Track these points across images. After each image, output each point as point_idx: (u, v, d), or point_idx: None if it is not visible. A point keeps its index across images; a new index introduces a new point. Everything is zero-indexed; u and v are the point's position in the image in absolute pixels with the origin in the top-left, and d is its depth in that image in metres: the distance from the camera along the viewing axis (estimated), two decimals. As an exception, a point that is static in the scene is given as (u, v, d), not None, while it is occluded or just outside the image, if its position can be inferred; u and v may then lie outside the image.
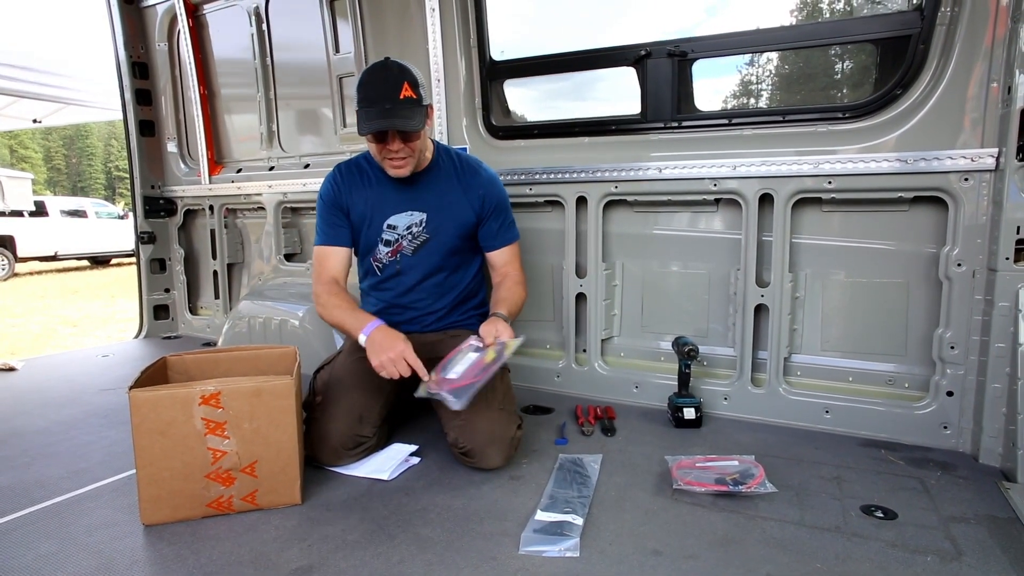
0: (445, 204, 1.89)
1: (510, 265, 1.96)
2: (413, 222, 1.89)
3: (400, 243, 1.90)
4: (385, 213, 1.89)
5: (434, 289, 1.96)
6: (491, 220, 1.93)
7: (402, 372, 1.61)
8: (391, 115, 1.66)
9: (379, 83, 1.69)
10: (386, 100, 1.66)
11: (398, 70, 1.70)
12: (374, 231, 1.90)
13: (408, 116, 1.67)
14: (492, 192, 1.92)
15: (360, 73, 1.75)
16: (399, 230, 1.89)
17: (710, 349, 2.25)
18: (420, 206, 1.88)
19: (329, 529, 1.41)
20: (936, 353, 1.86)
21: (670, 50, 2.20)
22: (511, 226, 1.98)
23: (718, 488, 1.54)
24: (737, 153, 2.08)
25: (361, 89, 1.71)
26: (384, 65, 1.72)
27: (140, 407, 1.37)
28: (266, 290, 3.12)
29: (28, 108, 6.09)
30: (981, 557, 1.27)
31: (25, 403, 2.43)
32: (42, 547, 1.35)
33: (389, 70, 1.71)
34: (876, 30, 1.98)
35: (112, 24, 3.50)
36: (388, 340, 1.64)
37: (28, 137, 37.99)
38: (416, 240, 1.89)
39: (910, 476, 1.66)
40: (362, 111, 1.69)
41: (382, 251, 1.92)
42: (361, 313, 1.77)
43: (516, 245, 1.99)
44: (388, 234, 1.90)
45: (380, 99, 1.67)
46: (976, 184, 1.75)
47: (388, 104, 1.66)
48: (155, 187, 3.71)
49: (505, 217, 1.96)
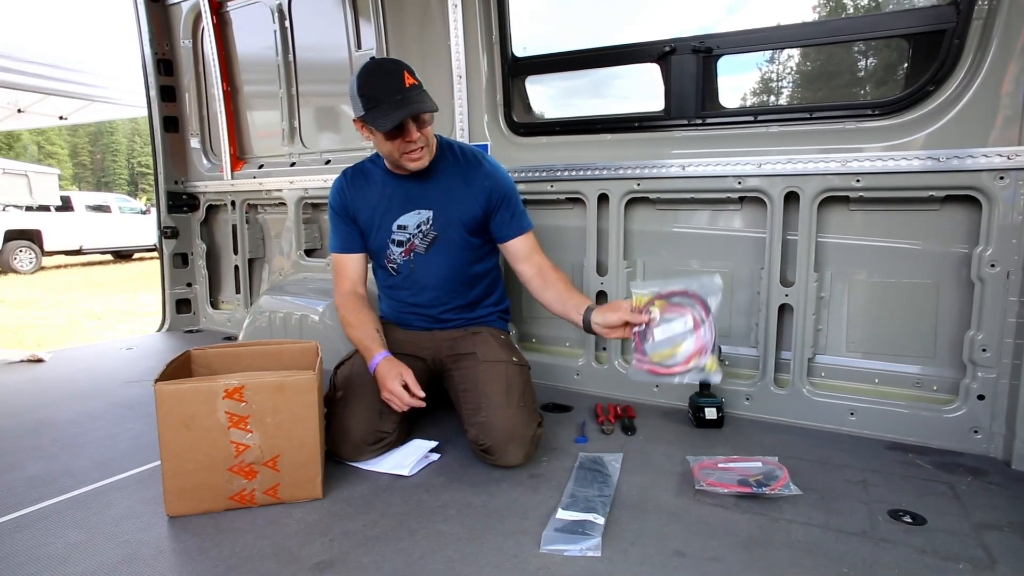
0: (450, 200, 1.86)
1: (536, 254, 1.89)
2: (421, 220, 1.87)
3: (412, 242, 1.88)
4: (394, 214, 1.88)
5: (449, 287, 1.94)
6: (501, 211, 1.88)
7: (402, 406, 1.66)
8: (407, 103, 1.64)
9: (381, 79, 1.67)
10: (395, 92, 1.64)
11: (393, 63, 1.70)
12: (384, 233, 1.89)
13: (423, 99, 1.67)
14: (497, 183, 1.88)
15: (354, 80, 1.68)
16: (410, 229, 1.88)
17: (732, 349, 2.22)
18: (426, 204, 1.87)
19: (350, 524, 1.41)
20: (967, 356, 1.81)
21: (695, 46, 2.17)
22: (523, 215, 1.92)
23: (741, 490, 1.52)
24: (762, 151, 2.04)
25: (364, 90, 1.66)
26: (378, 63, 1.71)
27: (165, 400, 1.38)
28: (286, 285, 3.14)
29: (54, 105, 6.20)
30: (1015, 566, 1.23)
31: (53, 394, 2.48)
32: (71, 536, 1.38)
33: (384, 65, 1.70)
34: (909, 25, 1.93)
35: (138, 22, 3.55)
36: (387, 377, 1.67)
37: (55, 134, 38.75)
38: (427, 238, 1.88)
39: (939, 481, 1.62)
40: (374, 111, 1.65)
41: (395, 252, 1.90)
42: (369, 341, 1.77)
43: (532, 234, 1.92)
44: (399, 234, 1.88)
45: (389, 93, 1.65)
46: (1012, 183, 1.70)
47: (398, 95, 1.64)
48: (178, 182, 3.75)
49: (515, 206, 1.91)
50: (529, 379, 1.88)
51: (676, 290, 1.54)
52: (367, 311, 1.85)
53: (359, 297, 1.89)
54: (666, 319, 1.52)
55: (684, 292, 1.53)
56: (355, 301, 1.87)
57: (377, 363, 1.71)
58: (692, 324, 1.51)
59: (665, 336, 1.52)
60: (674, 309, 1.53)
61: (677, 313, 1.53)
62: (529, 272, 1.88)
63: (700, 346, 1.50)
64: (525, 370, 1.88)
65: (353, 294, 1.89)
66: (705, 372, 1.51)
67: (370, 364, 1.73)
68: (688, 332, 1.51)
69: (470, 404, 1.77)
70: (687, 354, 1.51)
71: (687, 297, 1.53)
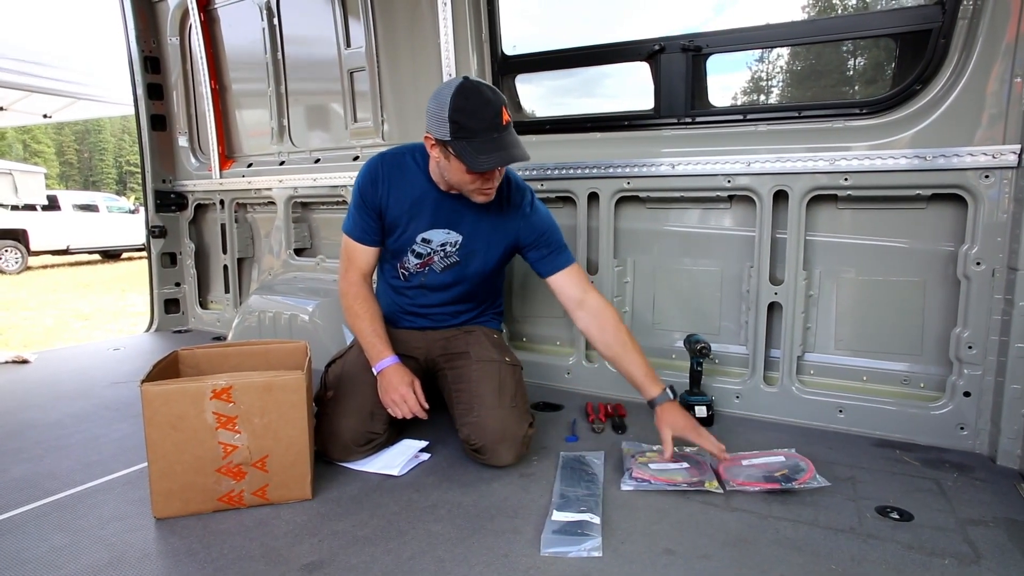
0: (481, 231, 1.80)
1: (583, 289, 1.80)
2: (448, 241, 1.80)
3: (431, 258, 1.83)
4: (422, 225, 1.78)
5: (453, 305, 1.94)
6: (539, 247, 1.82)
7: (407, 413, 1.67)
8: (503, 146, 1.53)
9: (479, 108, 1.52)
10: (492, 129, 1.52)
11: (492, 93, 1.55)
12: (407, 240, 1.80)
13: (518, 145, 1.56)
14: (530, 225, 1.80)
15: (445, 99, 1.53)
16: (433, 245, 1.81)
17: (722, 347, 2.23)
18: (458, 227, 1.79)
19: (340, 524, 1.41)
20: (953, 353, 1.83)
21: (684, 45, 2.18)
22: (563, 249, 1.83)
23: (770, 486, 1.52)
24: (751, 149, 2.05)
25: (457, 115, 1.51)
26: (477, 88, 1.53)
27: (152, 401, 1.37)
28: (276, 285, 3.13)
29: (38, 103, 6.13)
30: (1001, 561, 1.25)
31: (38, 395, 2.45)
32: (55, 539, 1.36)
33: (483, 93, 1.53)
34: (895, 24, 1.94)
35: (124, 19, 3.51)
36: (398, 380, 1.68)
37: (41, 132, 38.35)
38: (447, 259, 1.83)
39: (926, 477, 1.64)
40: (464, 142, 1.52)
41: (411, 261, 1.84)
42: (379, 340, 1.74)
43: (576, 267, 1.83)
44: (420, 247, 1.81)
45: (485, 129, 1.52)
46: (997, 181, 1.72)
47: (495, 133, 1.52)
48: (166, 181, 3.72)
49: (554, 241, 1.82)
50: (521, 379, 1.88)
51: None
52: (376, 306, 1.81)
53: (369, 289, 1.84)
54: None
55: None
56: (366, 292, 1.82)
57: (387, 366, 1.70)
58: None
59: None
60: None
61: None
62: (572, 306, 1.81)
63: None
64: (517, 370, 1.88)
65: (363, 283, 1.83)
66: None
67: (377, 364, 1.71)
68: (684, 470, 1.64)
69: (462, 404, 1.77)
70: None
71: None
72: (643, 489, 1.55)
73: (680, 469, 1.62)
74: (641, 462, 1.65)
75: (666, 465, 1.64)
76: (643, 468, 1.62)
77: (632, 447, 1.79)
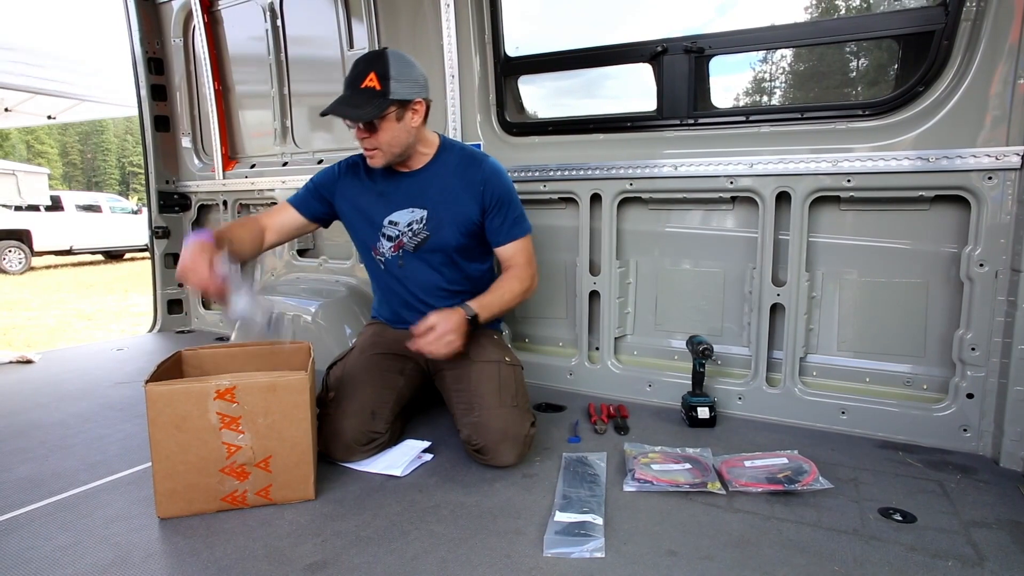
0: (446, 200, 1.84)
1: (514, 258, 1.89)
2: (414, 219, 1.86)
3: (401, 239, 1.87)
4: (387, 209, 1.86)
5: (440, 290, 1.92)
6: (495, 215, 1.86)
7: (197, 285, 1.45)
8: (341, 103, 1.67)
9: (352, 70, 1.70)
10: (347, 87, 1.69)
11: (372, 59, 1.69)
12: (375, 227, 1.88)
13: (356, 105, 1.67)
14: (494, 185, 1.84)
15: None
16: (400, 226, 1.86)
17: (725, 348, 2.23)
18: (420, 202, 1.85)
19: (343, 525, 1.41)
20: (956, 355, 1.83)
21: (687, 46, 2.18)
22: (518, 220, 1.89)
23: (773, 488, 1.53)
24: (754, 151, 2.05)
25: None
26: (368, 54, 1.73)
27: (156, 401, 1.37)
28: (279, 285, 3.13)
29: (42, 104, 6.15)
30: (1004, 563, 1.25)
31: (42, 395, 2.45)
32: (60, 538, 1.36)
33: (365, 59, 1.71)
34: (898, 26, 1.94)
35: (128, 20, 3.52)
36: (190, 252, 1.46)
37: (45, 132, 38.46)
38: (417, 237, 1.86)
39: (929, 479, 1.64)
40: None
41: (384, 245, 1.89)
42: (209, 232, 1.59)
43: (525, 240, 1.90)
44: (389, 230, 1.88)
45: (345, 86, 1.69)
46: (1000, 183, 1.71)
47: (347, 91, 1.68)
48: (169, 182, 3.73)
49: (510, 211, 1.87)
50: (522, 379, 1.88)
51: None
52: (240, 230, 1.77)
53: (255, 224, 1.86)
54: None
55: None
56: (245, 221, 1.88)
57: (190, 240, 1.49)
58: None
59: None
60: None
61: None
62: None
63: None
64: (518, 370, 1.88)
65: (255, 220, 1.88)
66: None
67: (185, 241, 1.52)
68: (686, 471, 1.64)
69: (463, 404, 1.77)
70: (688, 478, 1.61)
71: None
72: (646, 490, 1.55)
73: (683, 470, 1.62)
74: (644, 463, 1.65)
75: (669, 466, 1.64)
76: (646, 469, 1.62)
77: (634, 448, 1.79)
